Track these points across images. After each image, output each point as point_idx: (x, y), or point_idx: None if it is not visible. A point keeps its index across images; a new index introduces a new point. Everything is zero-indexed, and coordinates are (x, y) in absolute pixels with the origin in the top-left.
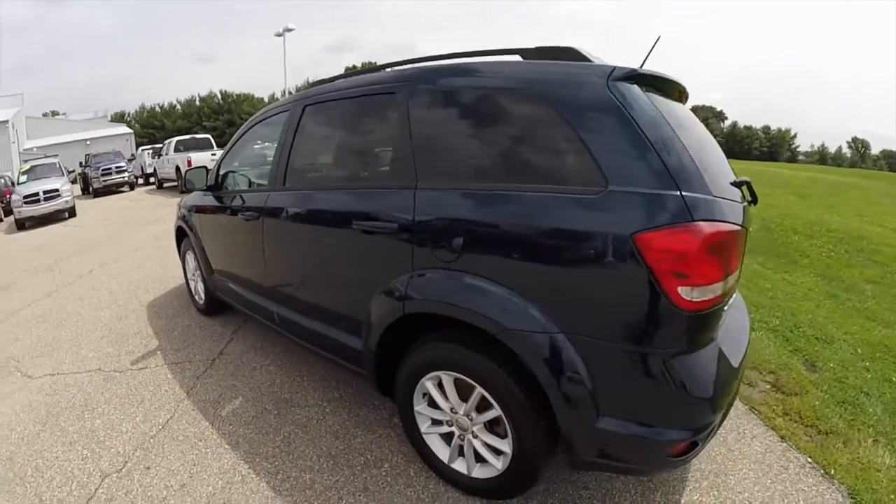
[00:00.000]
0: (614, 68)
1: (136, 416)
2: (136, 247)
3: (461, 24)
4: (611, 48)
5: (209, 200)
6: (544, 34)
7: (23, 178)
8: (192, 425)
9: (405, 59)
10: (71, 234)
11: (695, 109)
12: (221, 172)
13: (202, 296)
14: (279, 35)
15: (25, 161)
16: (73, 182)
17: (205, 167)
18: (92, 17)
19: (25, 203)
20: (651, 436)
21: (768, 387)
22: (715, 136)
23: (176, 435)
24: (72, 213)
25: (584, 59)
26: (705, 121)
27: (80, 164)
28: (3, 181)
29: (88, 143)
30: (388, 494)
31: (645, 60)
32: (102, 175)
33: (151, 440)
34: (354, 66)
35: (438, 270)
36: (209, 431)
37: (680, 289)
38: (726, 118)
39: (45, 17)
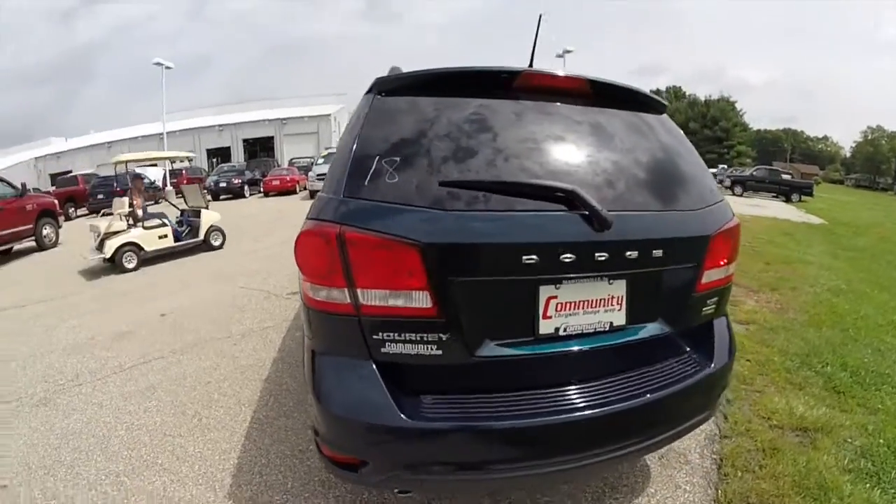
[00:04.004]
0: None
1: (256, 318)
2: None
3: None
4: None
5: None
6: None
7: (320, 161)
8: (275, 332)
9: None
10: None
11: None
12: None
13: None
14: (559, 56)
15: (326, 148)
16: None
17: None
18: (422, 28)
19: (318, 179)
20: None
21: None
22: None
23: (264, 334)
24: None
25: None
26: None
27: None
28: (312, 160)
29: None
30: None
31: (532, 55)
32: None
33: (251, 332)
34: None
35: None
36: (278, 338)
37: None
38: None
39: (381, 33)
